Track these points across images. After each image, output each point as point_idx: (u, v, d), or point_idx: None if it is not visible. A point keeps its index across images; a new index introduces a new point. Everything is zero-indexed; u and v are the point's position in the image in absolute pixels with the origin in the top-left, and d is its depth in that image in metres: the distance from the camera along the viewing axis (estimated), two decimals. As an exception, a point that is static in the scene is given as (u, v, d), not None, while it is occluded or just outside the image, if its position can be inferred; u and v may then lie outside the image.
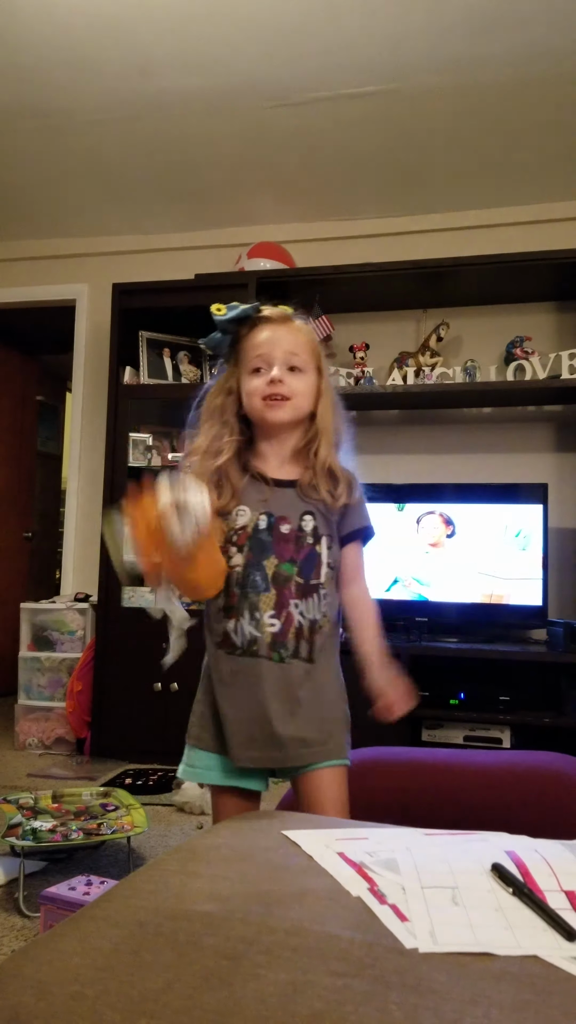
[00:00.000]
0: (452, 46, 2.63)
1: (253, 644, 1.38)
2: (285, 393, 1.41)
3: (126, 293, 3.59)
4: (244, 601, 1.38)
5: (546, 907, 0.80)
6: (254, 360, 1.43)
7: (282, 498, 1.43)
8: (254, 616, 1.38)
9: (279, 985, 0.66)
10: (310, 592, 1.39)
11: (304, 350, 1.44)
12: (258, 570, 1.39)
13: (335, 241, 3.80)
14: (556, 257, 3.15)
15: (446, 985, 0.67)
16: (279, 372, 1.40)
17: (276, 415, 1.42)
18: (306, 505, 1.43)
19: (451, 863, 0.91)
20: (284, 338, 1.43)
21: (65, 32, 2.62)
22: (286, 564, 1.39)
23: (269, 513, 1.41)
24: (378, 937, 0.74)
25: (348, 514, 1.46)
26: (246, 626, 1.38)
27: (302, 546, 1.40)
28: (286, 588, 1.38)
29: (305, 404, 1.44)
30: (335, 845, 0.98)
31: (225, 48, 2.68)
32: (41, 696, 3.59)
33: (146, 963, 0.70)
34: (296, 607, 1.38)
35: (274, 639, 1.37)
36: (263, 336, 1.43)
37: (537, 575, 3.13)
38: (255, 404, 1.42)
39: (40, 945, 0.77)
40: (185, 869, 0.92)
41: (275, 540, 1.40)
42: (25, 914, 1.83)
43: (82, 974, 0.69)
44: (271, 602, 1.38)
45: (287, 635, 1.37)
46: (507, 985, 0.67)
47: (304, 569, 1.40)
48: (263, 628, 1.37)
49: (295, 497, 1.43)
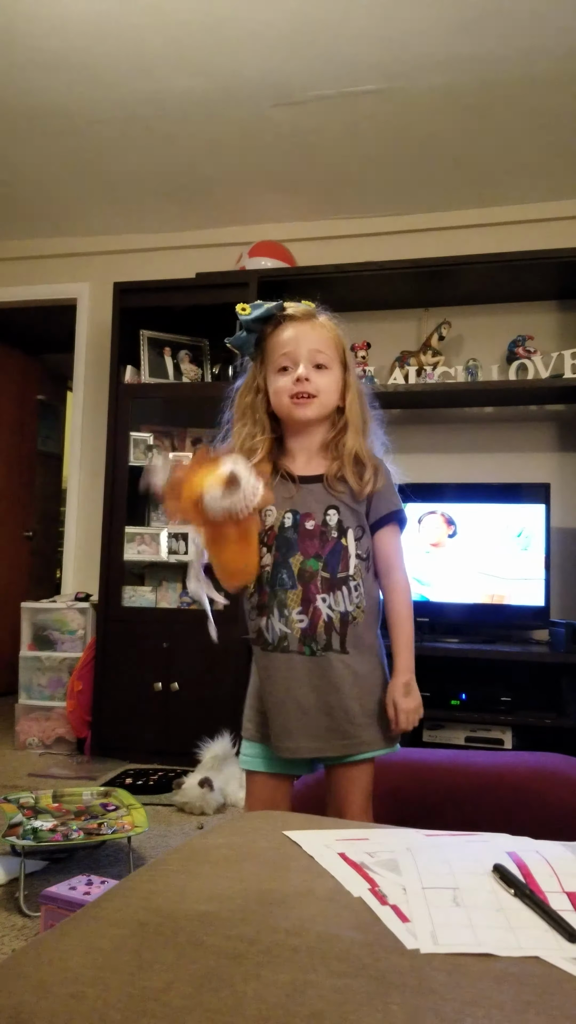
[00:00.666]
0: (453, 45, 2.62)
1: (283, 640, 1.42)
2: (311, 391, 1.43)
3: (127, 292, 3.59)
4: (273, 599, 1.42)
5: (547, 908, 0.80)
6: (280, 359, 1.46)
7: (307, 495, 1.45)
8: (283, 613, 1.42)
9: (280, 985, 0.66)
10: (338, 585, 1.42)
11: (328, 346, 1.46)
12: (284, 568, 1.42)
13: (336, 240, 3.79)
14: (558, 256, 3.14)
15: (447, 986, 0.67)
16: (304, 371, 1.43)
17: (303, 413, 1.45)
18: (331, 499, 1.45)
19: (452, 864, 0.91)
20: (308, 336, 1.45)
21: (67, 32, 2.61)
22: (311, 560, 1.42)
23: (294, 511, 1.44)
24: (379, 937, 0.74)
25: (376, 501, 1.47)
26: (276, 623, 1.42)
27: (327, 540, 1.43)
28: (312, 583, 1.41)
29: (331, 400, 1.47)
30: (336, 845, 0.98)
31: (226, 48, 2.67)
32: (42, 696, 3.59)
33: (147, 962, 0.70)
34: (323, 601, 1.41)
35: (303, 634, 1.41)
36: (288, 334, 1.46)
37: (539, 575, 3.12)
38: (283, 402, 1.45)
39: (41, 945, 0.77)
40: (186, 869, 0.92)
41: (300, 537, 1.43)
42: (26, 913, 1.84)
43: (83, 974, 0.69)
44: (298, 598, 1.41)
45: (316, 629, 1.40)
46: (508, 986, 0.67)
47: (330, 563, 1.42)
48: (292, 624, 1.41)
49: (321, 492, 1.45)
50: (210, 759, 2.85)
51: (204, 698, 3.24)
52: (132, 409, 3.54)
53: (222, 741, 2.91)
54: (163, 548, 3.46)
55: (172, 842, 2.34)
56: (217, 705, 3.15)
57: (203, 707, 3.20)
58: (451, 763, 1.79)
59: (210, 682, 3.25)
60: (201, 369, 3.68)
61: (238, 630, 3.14)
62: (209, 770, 2.80)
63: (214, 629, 1.36)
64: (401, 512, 1.51)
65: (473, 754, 1.91)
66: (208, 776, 2.69)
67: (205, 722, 3.05)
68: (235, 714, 2.00)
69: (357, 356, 3.47)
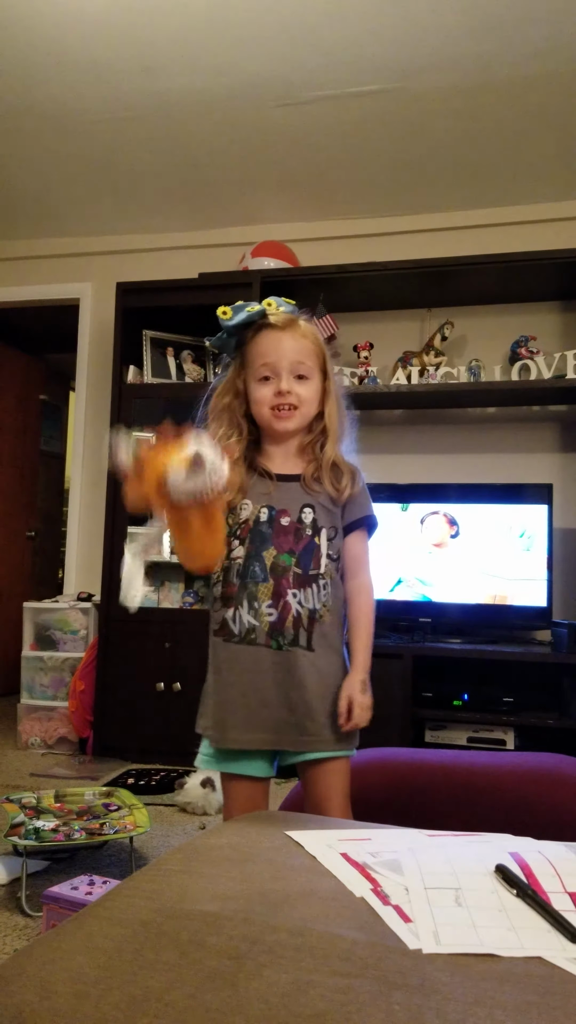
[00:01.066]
0: (456, 45, 2.62)
1: (251, 632, 1.42)
2: (293, 403, 1.45)
3: (130, 292, 3.59)
4: (243, 591, 1.43)
5: (550, 908, 0.80)
6: (261, 368, 1.46)
7: (285, 492, 1.47)
8: (252, 605, 1.42)
9: (282, 985, 0.66)
10: (309, 582, 1.43)
11: (309, 356, 1.47)
12: (257, 561, 1.43)
13: (339, 240, 3.79)
14: (561, 256, 3.13)
15: (449, 986, 0.66)
16: (287, 384, 1.44)
17: (284, 426, 1.47)
18: (307, 498, 1.47)
19: (454, 864, 0.91)
20: (290, 347, 1.45)
21: (71, 32, 2.61)
22: (284, 555, 1.43)
23: (270, 506, 1.46)
24: (381, 938, 0.74)
25: (349, 505, 1.50)
26: (244, 615, 1.43)
27: (301, 537, 1.45)
28: (284, 578, 1.42)
29: (311, 410, 1.49)
30: (338, 846, 0.98)
31: (229, 47, 2.67)
32: (44, 695, 3.59)
33: (149, 962, 0.70)
34: (294, 596, 1.42)
35: (272, 627, 1.41)
36: (269, 344, 1.46)
37: (541, 576, 3.12)
38: (263, 412, 1.47)
39: (43, 944, 0.77)
40: (188, 869, 0.92)
41: (275, 532, 1.44)
42: (27, 913, 1.83)
43: (85, 973, 0.69)
44: (269, 592, 1.42)
45: (285, 623, 1.41)
46: (511, 986, 0.67)
47: (302, 560, 1.44)
48: (261, 617, 1.42)
49: (298, 490, 1.48)
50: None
51: (206, 698, 3.23)
52: (135, 409, 3.54)
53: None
54: (165, 548, 3.45)
55: (174, 842, 2.34)
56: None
57: (205, 707, 3.20)
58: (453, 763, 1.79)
59: (212, 682, 3.24)
60: (204, 369, 3.68)
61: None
62: (211, 770, 2.80)
63: (133, 598, 1.32)
64: (372, 517, 1.53)
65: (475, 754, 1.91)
66: (210, 776, 2.68)
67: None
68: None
69: (360, 356, 3.47)
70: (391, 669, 3.00)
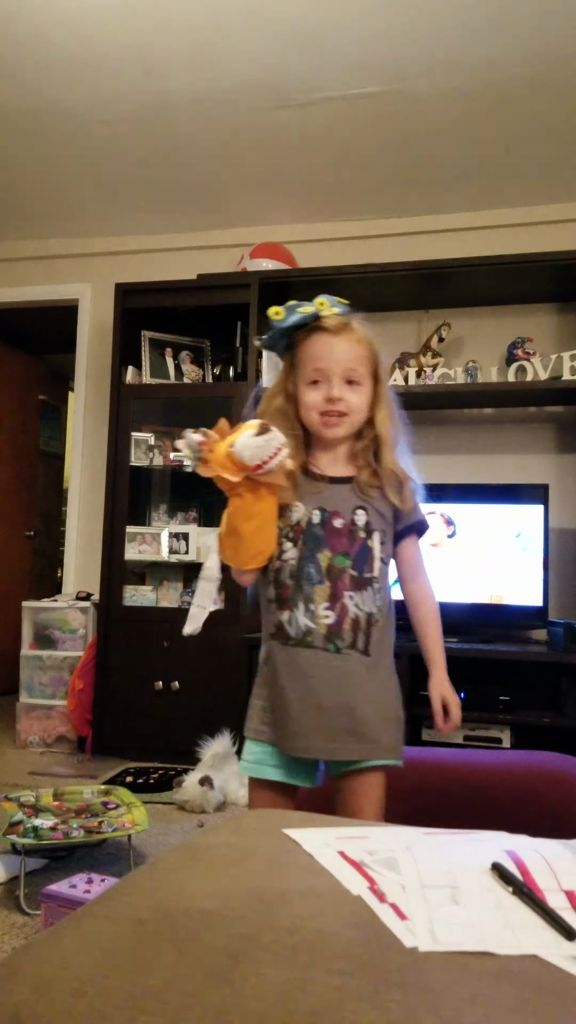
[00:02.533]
0: (455, 48, 2.62)
1: (308, 635, 1.39)
2: (343, 410, 1.42)
3: (129, 293, 3.59)
4: (298, 593, 1.40)
5: (546, 906, 0.80)
6: (311, 372, 1.43)
7: (336, 494, 1.45)
8: (308, 608, 1.39)
9: (279, 983, 0.66)
10: (364, 585, 1.41)
11: (362, 362, 1.44)
12: (312, 562, 1.40)
13: (337, 242, 3.79)
14: (558, 258, 3.14)
15: (445, 984, 0.66)
16: (338, 391, 1.42)
17: (333, 433, 1.45)
18: (359, 500, 1.44)
19: (451, 862, 0.90)
20: (343, 352, 1.42)
21: (70, 32, 2.62)
22: (340, 556, 1.41)
23: (322, 508, 1.43)
24: (378, 936, 0.74)
25: (404, 510, 1.48)
26: (300, 617, 1.40)
27: (355, 539, 1.42)
28: (340, 580, 1.40)
29: (361, 417, 1.46)
30: (335, 844, 0.97)
31: (229, 49, 2.68)
32: (43, 694, 3.59)
33: (147, 961, 0.70)
34: (351, 599, 1.39)
35: (329, 630, 1.39)
36: (321, 348, 1.43)
37: (537, 575, 3.12)
38: (312, 418, 1.44)
39: (41, 943, 0.77)
40: (186, 867, 0.92)
41: (328, 534, 1.42)
42: (26, 911, 1.84)
43: (83, 972, 0.69)
44: (325, 594, 1.39)
45: (343, 626, 1.39)
46: (507, 984, 0.67)
47: (357, 562, 1.41)
48: (318, 619, 1.39)
49: (349, 493, 1.45)
50: (210, 757, 2.86)
51: (204, 697, 3.25)
52: (133, 409, 3.55)
53: (222, 739, 2.92)
54: (164, 548, 3.47)
55: (172, 840, 2.34)
56: (217, 704, 3.17)
57: (203, 706, 3.22)
58: (450, 762, 1.79)
59: (211, 681, 3.26)
60: (202, 370, 3.69)
61: (239, 630, 3.16)
62: (209, 768, 2.81)
63: (196, 618, 1.36)
64: (424, 522, 1.53)
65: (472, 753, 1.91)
66: (208, 774, 2.70)
67: (205, 721, 3.07)
68: (235, 713, 2.00)
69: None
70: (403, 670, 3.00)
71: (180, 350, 3.66)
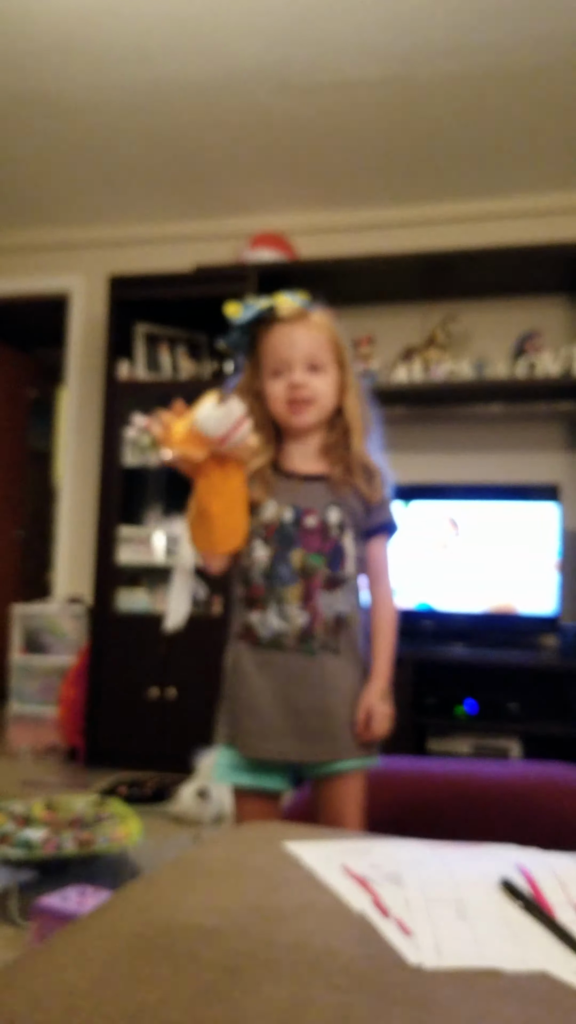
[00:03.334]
0: (459, 32, 2.58)
1: (280, 637, 1.39)
2: (307, 396, 1.43)
3: (122, 285, 3.51)
4: (270, 593, 1.40)
5: (555, 922, 0.78)
6: (274, 364, 1.44)
7: (309, 491, 1.45)
8: (281, 608, 1.39)
9: (280, 1000, 0.66)
10: (337, 584, 1.41)
11: (323, 348, 1.44)
12: (284, 562, 1.40)
13: (339, 231, 3.73)
14: (568, 248, 3.08)
15: (451, 1001, 0.66)
16: (299, 376, 1.42)
17: (301, 420, 1.44)
18: (332, 498, 1.44)
19: (457, 876, 0.90)
20: (302, 339, 1.43)
21: (63, 17, 2.56)
22: (314, 555, 1.41)
23: (295, 506, 1.43)
24: (381, 951, 0.74)
25: (374, 509, 1.48)
26: (272, 618, 1.40)
27: (328, 538, 1.42)
28: (313, 580, 1.40)
29: (328, 403, 1.46)
30: (337, 858, 0.97)
31: (226, 33, 2.62)
32: (33, 702, 3.53)
33: (143, 976, 0.70)
34: (324, 599, 1.40)
35: (302, 631, 1.39)
36: (280, 338, 1.44)
37: (548, 579, 3.06)
38: (279, 409, 1.45)
39: (34, 956, 0.77)
40: (183, 881, 0.91)
41: (301, 532, 1.42)
42: (17, 924, 1.82)
43: (77, 986, 0.69)
44: (298, 594, 1.39)
45: (315, 627, 1.39)
46: (514, 1001, 0.66)
47: (332, 561, 1.42)
48: (291, 620, 1.39)
49: (323, 490, 1.45)
50: (207, 768, 2.79)
51: (202, 705, 3.14)
52: (126, 406, 3.45)
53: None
54: (158, 550, 3.37)
55: (168, 853, 2.30)
56: (215, 712, 3.07)
57: (200, 714, 3.11)
58: (457, 773, 1.81)
59: (208, 689, 3.14)
60: (199, 365, 3.60)
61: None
62: (206, 779, 2.75)
63: (176, 613, 1.41)
64: (394, 523, 1.52)
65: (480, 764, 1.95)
66: (206, 785, 2.65)
67: (202, 730, 2.96)
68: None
69: (360, 351, 3.39)
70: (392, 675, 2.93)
71: (176, 344, 3.57)
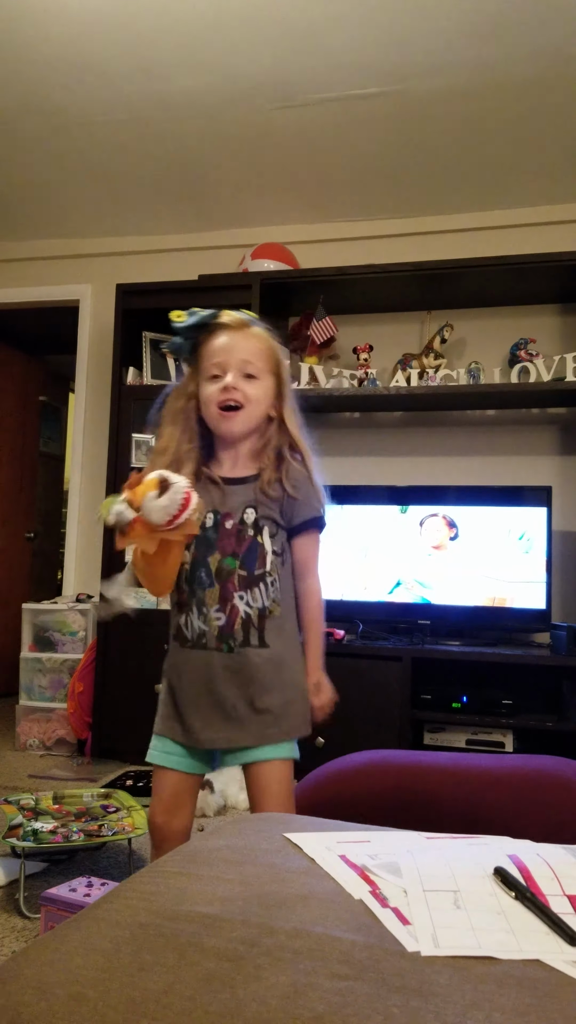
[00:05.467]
0: (457, 48, 2.62)
1: (202, 637, 1.46)
2: (239, 400, 1.46)
3: (130, 294, 3.59)
4: (192, 597, 1.46)
5: (549, 911, 0.79)
6: (211, 367, 1.48)
7: (229, 495, 1.49)
8: (201, 611, 1.45)
9: (281, 987, 0.66)
10: (255, 582, 1.45)
11: (260, 357, 1.49)
12: (203, 566, 1.46)
13: (339, 242, 3.79)
14: (561, 259, 3.13)
15: (448, 988, 0.66)
16: (233, 379, 1.46)
17: (229, 427, 1.48)
18: (251, 498, 1.48)
19: (453, 867, 0.90)
20: (240, 345, 1.48)
21: (70, 33, 2.62)
22: (228, 558, 1.46)
23: (216, 511, 1.48)
24: (380, 940, 0.74)
25: (299, 505, 1.50)
26: (195, 620, 1.46)
27: (243, 539, 1.47)
28: (229, 582, 1.45)
29: (259, 410, 1.49)
30: (337, 848, 0.97)
31: (230, 49, 2.67)
32: (42, 697, 3.58)
33: (147, 964, 0.70)
34: (241, 599, 1.45)
35: (220, 631, 1.44)
36: (219, 343, 1.49)
37: (540, 578, 3.11)
38: (211, 412, 1.48)
39: (41, 946, 0.77)
40: (186, 871, 0.91)
41: (220, 536, 1.46)
42: (25, 915, 1.83)
43: (83, 975, 0.69)
44: (216, 596, 1.45)
45: (234, 627, 1.44)
46: (509, 989, 0.67)
47: (247, 561, 1.46)
48: (210, 622, 1.45)
49: (243, 492, 1.49)
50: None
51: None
52: (134, 411, 3.54)
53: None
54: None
55: (172, 844, 2.33)
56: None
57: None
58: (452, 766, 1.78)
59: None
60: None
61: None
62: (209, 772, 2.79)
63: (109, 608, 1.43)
64: (322, 519, 1.54)
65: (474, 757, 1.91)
66: (208, 778, 2.68)
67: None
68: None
69: (359, 358, 3.47)
70: (390, 671, 3.00)
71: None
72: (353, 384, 3.39)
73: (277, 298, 3.51)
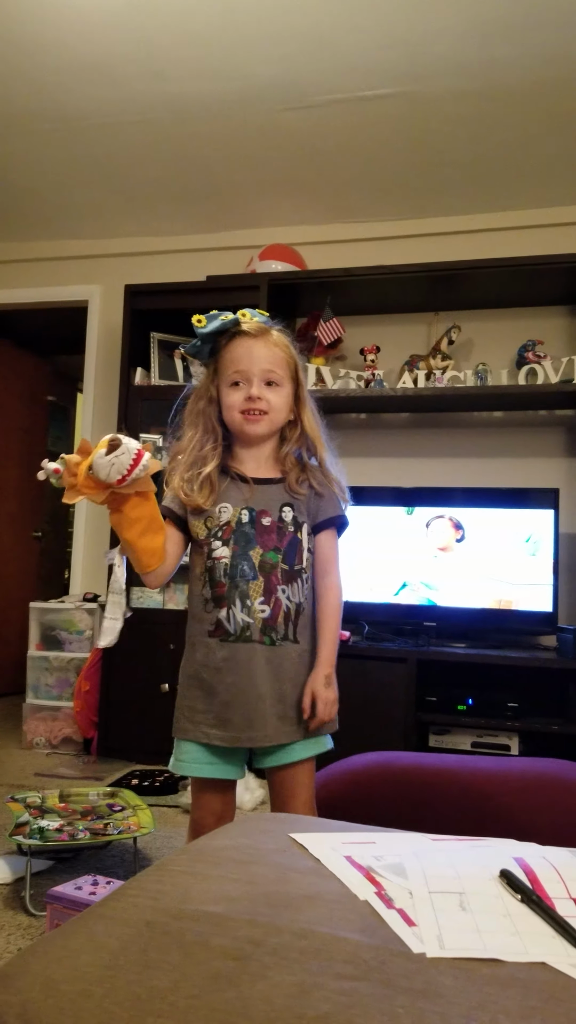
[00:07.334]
0: (466, 49, 2.62)
1: (246, 630, 1.47)
2: (263, 408, 1.51)
3: (138, 294, 3.60)
4: (234, 590, 1.48)
5: (554, 914, 0.80)
6: (233, 375, 1.51)
7: (262, 494, 1.53)
8: (245, 604, 1.48)
9: (286, 987, 0.66)
10: (294, 577, 1.51)
11: (280, 364, 1.52)
12: (245, 560, 1.49)
13: (347, 243, 3.79)
14: (569, 261, 3.12)
15: (453, 990, 0.66)
16: (257, 389, 1.50)
17: (254, 429, 1.52)
18: (286, 498, 1.54)
19: (458, 869, 0.90)
20: (261, 354, 1.50)
21: (80, 36, 2.63)
22: (271, 552, 1.50)
23: (250, 508, 1.51)
24: (386, 941, 0.74)
25: (324, 503, 1.56)
26: (238, 613, 1.48)
27: (284, 534, 1.51)
28: (272, 575, 1.49)
29: (281, 416, 1.55)
30: (342, 849, 0.98)
31: (239, 52, 2.68)
32: (49, 695, 3.59)
33: (153, 962, 0.70)
34: (283, 592, 1.49)
35: (265, 624, 1.48)
36: (241, 351, 1.51)
37: (547, 581, 3.10)
38: (234, 417, 1.52)
39: (48, 943, 0.77)
40: (193, 870, 0.92)
41: (258, 532, 1.50)
42: (31, 913, 1.84)
43: (90, 972, 0.70)
44: (260, 589, 1.48)
45: (277, 619, 1.48)
46: (514, 991, 0.67)
47: (288, 556, 1.51)
48: (254, 614, 1.47)
49: (276, 491, 1.54)
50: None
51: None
52: (142, 411, 3.55)
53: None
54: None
55: (177, 843, 2.34)
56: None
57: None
58: (458, 768, 1.79)
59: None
60: (211, 371, 3.68)
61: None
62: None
63: (109, 632, 1.54)
64: (344, 517, 1.59)
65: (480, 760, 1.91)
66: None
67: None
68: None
69: (367, 359, 3.47)
70: (395, 673, 3.00)
71: (189, 352, 3.65)
72: (360, 385, 3.39)
73: (284, 299, 3.52)
